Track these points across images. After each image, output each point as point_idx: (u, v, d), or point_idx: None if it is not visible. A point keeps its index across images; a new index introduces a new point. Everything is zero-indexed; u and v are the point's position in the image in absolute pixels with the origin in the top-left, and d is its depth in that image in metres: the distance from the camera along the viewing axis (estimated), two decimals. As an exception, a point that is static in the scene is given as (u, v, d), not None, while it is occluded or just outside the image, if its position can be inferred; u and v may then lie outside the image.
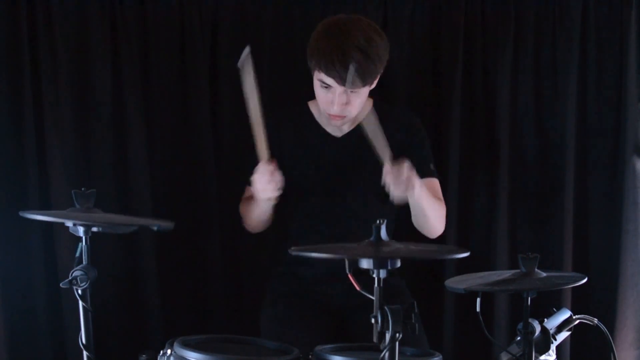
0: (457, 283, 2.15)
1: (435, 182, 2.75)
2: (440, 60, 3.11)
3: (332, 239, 2.61)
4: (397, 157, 2.49)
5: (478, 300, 2.09)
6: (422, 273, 3.02)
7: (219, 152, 3.07)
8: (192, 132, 3.05)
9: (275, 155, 2.57)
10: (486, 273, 2.25)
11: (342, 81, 2.48)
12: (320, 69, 2.51)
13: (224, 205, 3.06)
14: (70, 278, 2.10)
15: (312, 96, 2.73)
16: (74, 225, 2.11)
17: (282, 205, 2.69)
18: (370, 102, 2.71)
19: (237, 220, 2.81)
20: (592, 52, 3.10)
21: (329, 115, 2.61)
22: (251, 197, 2.67)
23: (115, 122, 2.98)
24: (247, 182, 2.65)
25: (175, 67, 3.03)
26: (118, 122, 2.98)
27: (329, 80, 2.52)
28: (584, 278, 2.19)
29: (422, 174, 2.65)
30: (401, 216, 2.76)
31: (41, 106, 2.89)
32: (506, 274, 2.17)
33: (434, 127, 3.07)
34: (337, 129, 2.72)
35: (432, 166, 2.75)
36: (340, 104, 2.55)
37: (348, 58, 2.45)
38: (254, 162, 2.63)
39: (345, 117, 2.61)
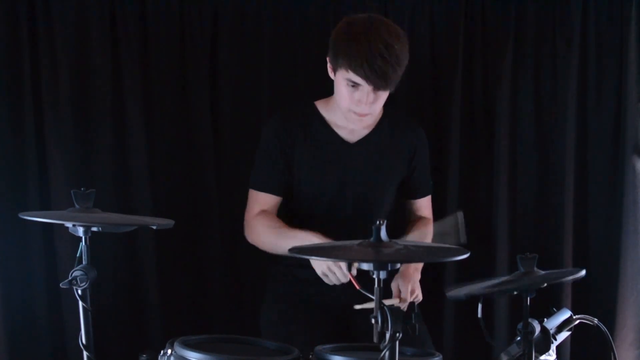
0: (457, 292, 2.15)
1: (429, 198, 2.87)
2: (440, 61, 3.11)
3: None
4: (402, 170, 2.72)
5: (480, 306, 2.09)
6: (422, 272, 3.01)
7: (219, 152, 3.07)
8: (192, 132, 3.05)
9: (286, 154, 2.60)
10: (486, 280, 2.25)
11: (370, 82, 2.48)
12: (349, 69, 2.49)
13: (224, 205, 3.07)
14: (70, 278, 2.09)
15: (315, 96, 2.72)
16: (73, 225, 2.11)
17: (287, 206, 2.70)
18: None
19: (237, 220, 2.80)
20: (592, 53, 3.11)
21: (355, 113, 2.58)
22: (274, 218, 2.66)
23: (115, 122, 2.98)
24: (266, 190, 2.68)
25: (175, 67, 3.03)
26: (118, 122, 2.98)
27: (358, 80, 2.49)
28: (581, 270, 2.18)
29: (424, 193, 2.83)
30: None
31: (41, 106, 2.89)
32: (505, 277, 2.17)
33: (434, 128, 3.07)
34: (350, 134, 2.69)
35: (430, 181, 2.85)
36: (368, 103, 2.55)
37: (374, 64, 2.44)
38: (253, 162, 2.63)
39: (370, 114, 2.61)
